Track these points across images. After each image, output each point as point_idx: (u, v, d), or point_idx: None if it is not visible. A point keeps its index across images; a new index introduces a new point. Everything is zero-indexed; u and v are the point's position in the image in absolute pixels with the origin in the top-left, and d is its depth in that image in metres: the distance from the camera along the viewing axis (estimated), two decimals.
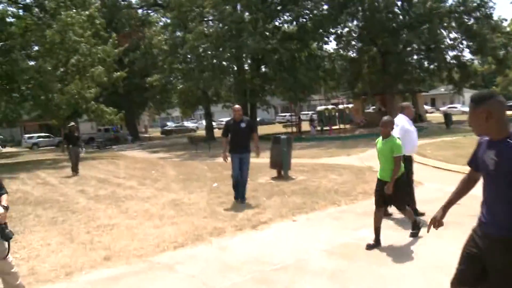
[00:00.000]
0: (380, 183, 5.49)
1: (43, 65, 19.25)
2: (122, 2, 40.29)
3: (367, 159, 14.68)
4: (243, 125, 8.51)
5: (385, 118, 5.47)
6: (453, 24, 35.37)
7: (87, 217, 8.08)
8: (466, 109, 49.47)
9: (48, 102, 20.01)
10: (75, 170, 15.22)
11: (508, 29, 38.29)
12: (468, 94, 61.61)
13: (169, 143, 35.16)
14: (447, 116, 30.36)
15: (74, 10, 20.19)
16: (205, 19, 30.37)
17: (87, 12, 22.10)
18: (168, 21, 30.71)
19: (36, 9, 22.37)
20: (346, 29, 34.85)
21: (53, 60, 20.61)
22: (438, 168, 11.71)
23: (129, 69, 38.12)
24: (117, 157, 23.31)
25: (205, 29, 27.65)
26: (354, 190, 8.99)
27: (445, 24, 33.47)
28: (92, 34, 22.76)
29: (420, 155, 14.09)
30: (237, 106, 9.05)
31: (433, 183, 9.55)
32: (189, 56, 29.33)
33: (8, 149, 45.77)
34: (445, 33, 33.47)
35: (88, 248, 6.04)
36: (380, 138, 5.57)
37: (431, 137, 22.10)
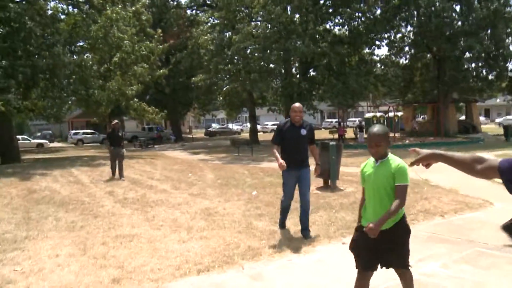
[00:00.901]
0: (365, 235, 3.22)
1: (85, 59, 18.84)
2: (172, 2, 40.13)
3: (421, 171, 13.28)
4: (303, 131, 6.23)
5: (377, 128, 3.44)
6: None
7: (109, 224, 7.24)
8: None
9: (89, 97, 19.62)
10: (119, 174, 13.41)
11: None
12: None
13: (212, 145, 34.52)
14: (507, 128, 28.28)
15: (120, 6, 19.72)
16: (253, 20, 29.55)
17: (133, 8, 21.64)
18: (216, 21, 30.02)
19: (85, 5, 22.14)
20: (399, 35, 33.28)
21: (97, 56, 20.22)
22: None
23: (176, 69, 38.12)
24: (157, 157, 22.72)
25: (253, 30, 26.75)
26: (412, 207, 7.74)
27: (509, 30, 31.30)
28: (137, 31, 22.33)
29: None
30: (297, 104, 6.40)
31: (507, 203, 8.18)
32: (236, 57, 28.59)
33: (55, 144, 46.54)
34: (508, 40, 31.24)
35: (99, 265, 5.14)
36: (370, 160, 3.57)
37: (489, 149, 20.39)
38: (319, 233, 6.37)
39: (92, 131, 47.76)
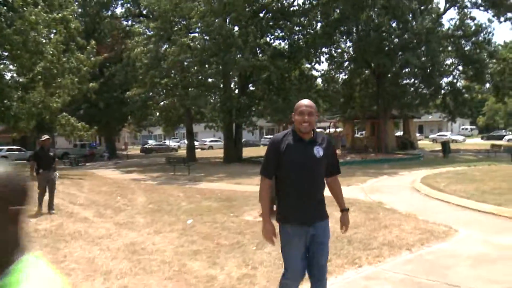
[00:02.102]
0: None
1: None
2: (106, 12, 38.18)
3: (371, 191, 12.54)
4: (319, 151, 3.40)
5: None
6: (450, 48, 34.04)
7: None
8: (456, 137, 48.11)
9: (5, 110, 17.54)
10: (49, 206, 10.30)
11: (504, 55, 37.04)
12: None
13: (147, 163, 32.75)
14: (444, 144, 28.57)
15: (40, 7, 17.83)
16: (191, 31, 28.35)
17: (59, 15, 19.84)
18: (152, 32, 28.55)
19: (2, 7, 20.02)
20: (339, 50, 33.21)
21: (15, 64, 18.18)
22: (465, 207, 9.56)
23: (110, 82, 36.08)
24: (86, 177, 20.86)
25: (190, 42, 25.52)
26: (374, 239, 6.75)
27: (441, 48, 31.96)
28: (66, 39, 20.52)
29: (436, 189, 12.03)
30: (306, 101, 3.49)
31: (470, 229, 7.41)
32: (172, 71, 27.23)
33: None
34: (442, 57, 31.89)
35: None
36: None
37: (431, 166, 20.23)
38: (268, 277, 5.20)
39: (18, 147, 44.41)
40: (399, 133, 44.44)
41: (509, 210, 8.87)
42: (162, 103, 33.42)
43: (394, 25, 30.53)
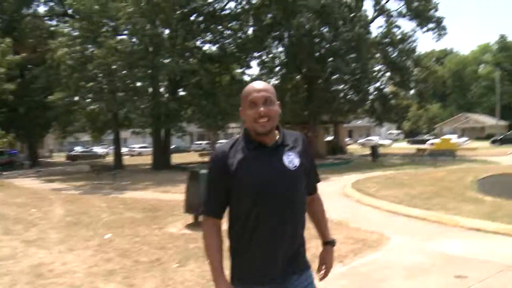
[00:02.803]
0: None
1: None
2: (26, 10, 35.91)
3: None
4: (291, 158, 2.16)
5: None
6: (378, 55, 35.07)
7: None
8: (383, 141, 49.72)
9: None
10: None
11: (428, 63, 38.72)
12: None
13: (72, 171, 31.01)
14: (373, 148, 29.23)
15: None
16: (119, 33, 27.18)
17: None
18: (77, 33, 27.08)
19: None
20: (271, 55, 33.24)
21: None
22: (396, 213, 9.51)
23: (32, 86, 33.96)
24: (0, 187, 19.29)
25: (118, 44, 24.41)
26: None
27: (369, 55, 32.87)
28: None
29: (366, 195, 11.98)
30: (259, 85, 2.15)
31: (402, 235, 7.26)
32: (100, 74, 25.93)
33: None
34: (370, 64, 32.78)
35: None
36: None
37: (361, 171, 20.52)
38: None
39: None
40: (329, 138, 45.22)
41: (438, 214, 8.89)
42: (88, 108, 31.80)
43: (325, 30, 30.96)
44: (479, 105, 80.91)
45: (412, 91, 39.59)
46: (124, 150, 51.10)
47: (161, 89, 29.10)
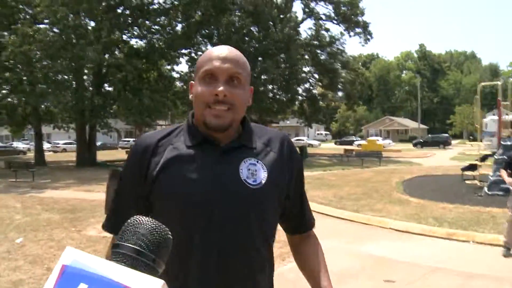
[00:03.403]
0: None
1: None
2: None
3: None
4: (253, 171, 1.38)
5: None
6: (307, 57, 35.55)
7: None
8: (312, 142, 50.76)
9: None
10: None
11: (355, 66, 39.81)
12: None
13: None
14: (302, 149, 29.55)
15: None
16: (38, 21, 25.54)
17: None
18: None
19: None
20: (200, 53, 32.78)
21: None
22: (325, 214, 9.46)
23: None
24: None
25: (36, 33, 22.86)
26: None
27: (299, 56, 33.28)
28: None
29: None
30: (223, 51, 1.39)
31: (331, 238, 7.15)
32: (18, 65, 24.26)
33: None
34: (299, 66, 33.20)
35: None
36: None
37: None
38: None
39: None
40: None
41: (365, 216, 8.93)
42: (4, 100, 29.73)
43: (255, 30, 30.93)
44: (402, 109, 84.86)
45: (340, 93, 40.53)
46: (47, 146, 48.60)
47: (86, 83, 27.76)
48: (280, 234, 1.60)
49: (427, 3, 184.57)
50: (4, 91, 27.33)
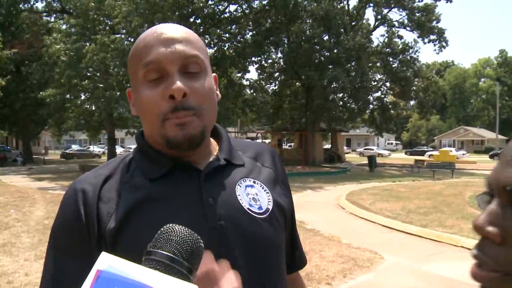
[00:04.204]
0: None
1: None
2: (24, 5, 35.53)
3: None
4: (254, 195, 1.02)
5: None
6: (378, 64, 34.73)
7: None
8: (382, 151, 49.57)
9: None
10: None
11: (428, 74, 38.41)
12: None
13: (65, 169, 30.53)
14: (371, 158, 28.75)
15: None
16: (115, 32, 26.73)
17: None
18: (73, 29, 26.63)
19: None
20: (270, 60, 32.89)
21: None
22: (391, 228, 9.02)
23: (27, 81, 33.57)
24: None
25: (111, 43, 23.89)
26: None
27: (370, 64, 32.55)
28: None
29: (361, 207, 11.47)
30: (170, 31, 0.95)
31: (397, 255, 6.76)
32: (98, 73, 25.53)
33: None
34: (371, 74, 32.46)
35: None
36: None
37: (357, 181, 20.02)
38: None
39: None
40: (327, 146, 44.75)
41: (435, 232, 8.42)
42: (83, 106, 31.33)
43: (325, 38, 30.57)
44: (478, 119, 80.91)
45: (412, 102, 39.24)
46: (120, 150, 50.64)
47: None
48: None
49: (508, 5, 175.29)
50: (82, 98, 28.79)
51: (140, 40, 0.98)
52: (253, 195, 1.01)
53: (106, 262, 0.62)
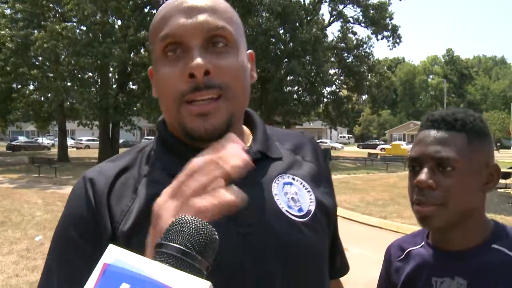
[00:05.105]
0: None
1: None
2: None
3: None
4: (293, 194, 0.88)
5: None
6: (333, 59, 35.17)
7: None
8: (335, 144, 50.38)
9: None
10: None
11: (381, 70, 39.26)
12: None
13: (12, 162, 29.26)
14: (326, 151, 29.11)
15: None
16: (67, 20, 25.74)
17: None
18: (19, 15, 25.42)
19: None
20: None
21: None
22: (351, 220, 9.12)
23: None
24: None
25: (63, 30, 22.97)
26: None
27: (325, 59, 32.92)
28: None
29: None
30: None
31: (360, 246, 6.81)
32: (46, 62, 24.51)
33: None
34: (326, 67, 32.86)
35: None
36: None
37: None
38: None
39: None
40: None
41: (395, 224, 8.57)
42: (31, 96, 30.07)
43: (281, 32, 30.64)
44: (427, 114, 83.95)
45: (364, 96, 40.06)
46: (71, 142, 49.09)
47: (110, 82, 27.87)
48: None
49: (456, 7, 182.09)
50: (31, 87, 27.64)
51: (159, 11, 0.85)
52: (292, 194, 0.87)
53: (114, 255, 0.58)
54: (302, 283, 0.84)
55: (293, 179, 0.90)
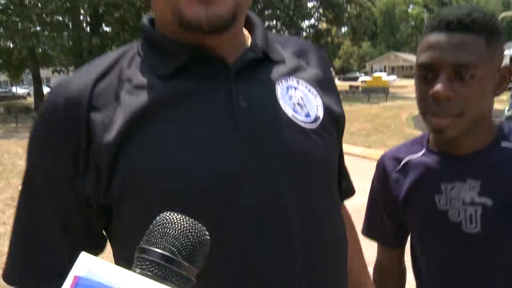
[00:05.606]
0: None
1: None
2: None
3: None
4: (299, 98, 0.76)
5: None
6: None
7: None
8: None
9: None
10: None
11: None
12: None
13: None
14: None
15: None
16: None
17: None
18: None
19: None
20: None
21: None
22: None
23: None
24: None
25: None
26: None
27: None
28: None
29: None
30: None
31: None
32: (11, 6, 23.45)
33: None
34: (303, 0, 32.22)
35: None
36: None
37: None
38: None
39: None
40: None
41: (379, 152, 8.61)
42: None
43: None
44: (407, 45, 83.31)
45: (344, 29, 39.56)
46: (46, 90, 48.02)
47: (82, 25, 26.91)
48: None
49: None
50: None
51: None
52: (297, 99, 0.76)
53: (86, 266, 0.50)
54: (310, 193, 0.74)
55: (298, 82, 0.78)
